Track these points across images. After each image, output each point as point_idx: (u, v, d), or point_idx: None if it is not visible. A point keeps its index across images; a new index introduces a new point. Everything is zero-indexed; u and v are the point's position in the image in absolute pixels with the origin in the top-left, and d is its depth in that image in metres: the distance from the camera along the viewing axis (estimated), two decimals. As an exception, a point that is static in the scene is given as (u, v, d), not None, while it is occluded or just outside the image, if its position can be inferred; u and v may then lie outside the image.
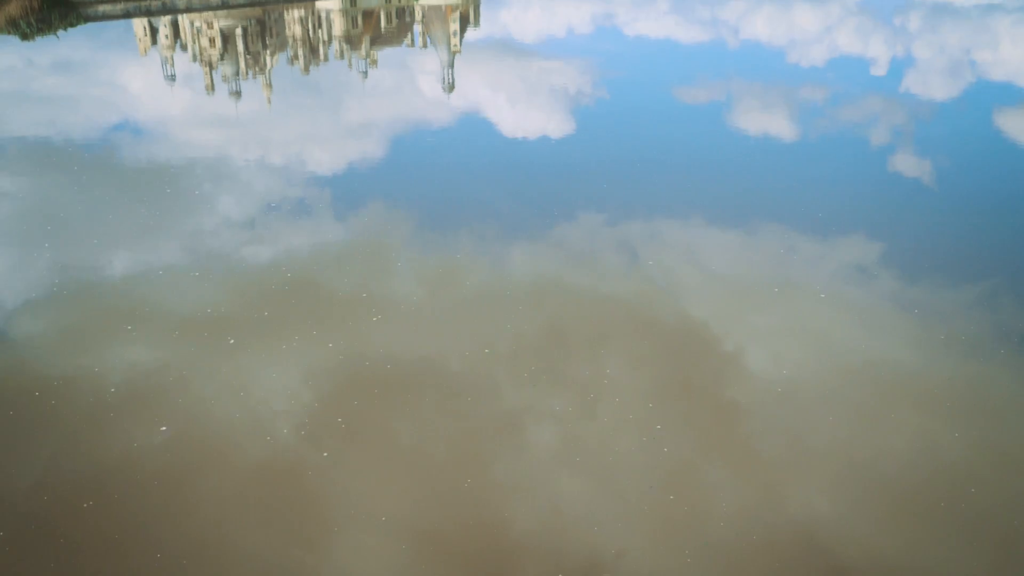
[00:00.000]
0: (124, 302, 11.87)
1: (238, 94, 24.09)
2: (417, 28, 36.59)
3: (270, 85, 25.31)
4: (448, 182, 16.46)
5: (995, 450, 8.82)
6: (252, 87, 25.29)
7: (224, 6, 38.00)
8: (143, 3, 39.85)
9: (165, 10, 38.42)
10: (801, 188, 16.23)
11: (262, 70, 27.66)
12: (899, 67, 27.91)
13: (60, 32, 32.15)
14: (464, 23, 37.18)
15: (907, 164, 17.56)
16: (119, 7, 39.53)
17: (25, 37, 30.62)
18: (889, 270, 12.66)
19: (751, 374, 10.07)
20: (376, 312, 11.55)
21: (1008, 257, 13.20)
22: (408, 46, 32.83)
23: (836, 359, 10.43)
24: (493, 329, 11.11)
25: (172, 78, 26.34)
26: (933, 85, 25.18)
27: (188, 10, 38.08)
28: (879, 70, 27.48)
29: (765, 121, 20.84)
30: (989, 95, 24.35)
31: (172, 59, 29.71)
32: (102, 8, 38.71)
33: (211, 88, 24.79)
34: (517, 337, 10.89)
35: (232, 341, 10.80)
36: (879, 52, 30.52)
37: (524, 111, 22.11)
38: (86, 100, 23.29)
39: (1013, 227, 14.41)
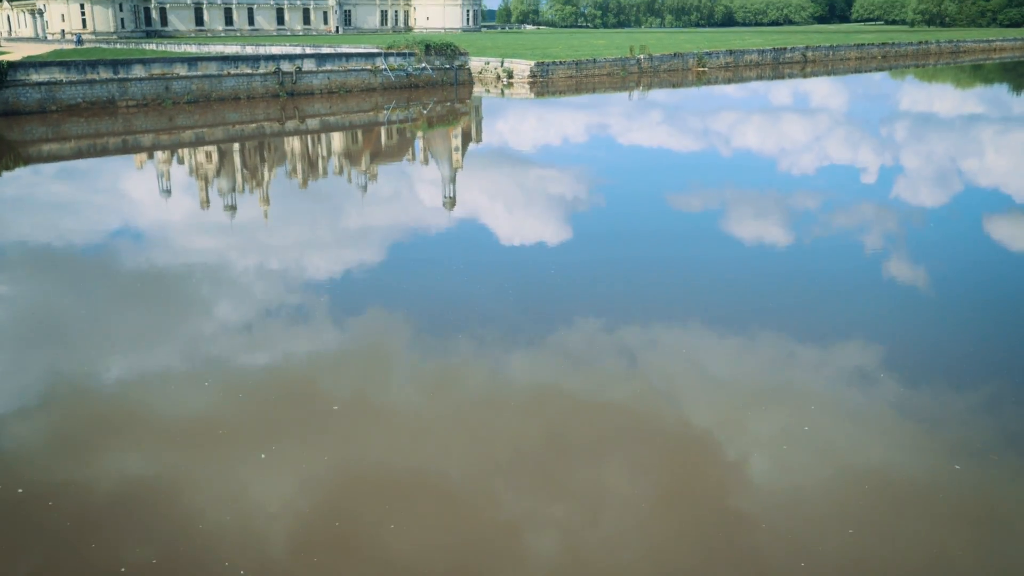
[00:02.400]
0: (117, 408, 11.67)
1: (233, 209, 24.13)
2: (419, 144, 37.19)
3: (267, 200, 25.35)
4: (447, 289, 16.39)
5: (1005, 559, 8.49)
6: (249, 200, 25.42)
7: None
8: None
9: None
10: (798, 293, 16.17)
11: (259, 184, 27.87)
12: (888, 175, 28.33)
13: None
14: (466, 140, 37.86)
15: (901, 269, 17.56)
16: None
17: None
18: (891, 375, 12.44)
19: (755, 482, 9.74)
20: (374, 419, 11.32)
21: (1008, 362, 13.02)
22: (409, 161, 33.25)
23: (841, 467, 10.13)
24: (492, 435, 10.87)
25: (168, 192, 26.45)
26: (922, 192, 25.49)
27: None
28: (869, 178, 27.87)
29: (759, 227, 20.96)
30: (978, 202, 24.64)
31: (168, 173, 29.99)
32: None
33: (206, 203, 24.80)
34: (516, 444, 10.62)
35: (227, 449, 10.53)
36: (868, 160, 31.02)
37: (522, 218, 22.26)
38: (86, 206, 23.43)
39: (1009, 331, 14.29)
